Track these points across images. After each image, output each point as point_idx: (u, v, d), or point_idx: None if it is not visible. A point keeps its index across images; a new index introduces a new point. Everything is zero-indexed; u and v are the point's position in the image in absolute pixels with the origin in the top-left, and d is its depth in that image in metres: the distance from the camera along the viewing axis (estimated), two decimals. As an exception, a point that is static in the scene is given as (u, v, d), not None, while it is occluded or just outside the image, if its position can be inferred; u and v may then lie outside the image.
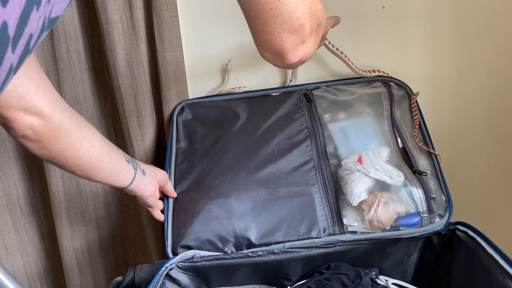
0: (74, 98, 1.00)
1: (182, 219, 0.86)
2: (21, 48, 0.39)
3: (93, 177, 0.74)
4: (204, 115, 1.01)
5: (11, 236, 1.07)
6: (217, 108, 1.02)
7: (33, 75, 0.59)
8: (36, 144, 0.64)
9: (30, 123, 0.61)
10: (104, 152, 0.73)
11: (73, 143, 0.68)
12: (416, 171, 0.87)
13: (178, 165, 0.95)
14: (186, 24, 1.00)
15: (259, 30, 0.53)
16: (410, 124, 0.96)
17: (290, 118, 0.97)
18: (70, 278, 1.11)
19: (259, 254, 0.82)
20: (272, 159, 0.91)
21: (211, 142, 0.96)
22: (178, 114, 1.01)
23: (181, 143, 0.98)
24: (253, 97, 1.03)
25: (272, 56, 0.56)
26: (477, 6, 1.04)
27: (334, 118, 0.97)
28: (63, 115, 0.65)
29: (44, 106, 0.61)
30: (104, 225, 1.12)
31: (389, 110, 0.97)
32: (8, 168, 1.04)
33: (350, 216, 0.84)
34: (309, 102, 1.00)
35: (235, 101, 1.03)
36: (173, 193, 0.90)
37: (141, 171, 0.83)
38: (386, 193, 0.84)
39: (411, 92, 1.00)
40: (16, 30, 0.37)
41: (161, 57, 0.97)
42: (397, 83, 1.03)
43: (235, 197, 0.87)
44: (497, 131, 1.15)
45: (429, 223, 0.83)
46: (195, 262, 0.81)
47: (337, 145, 0.93)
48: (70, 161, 0.69)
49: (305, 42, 0.54)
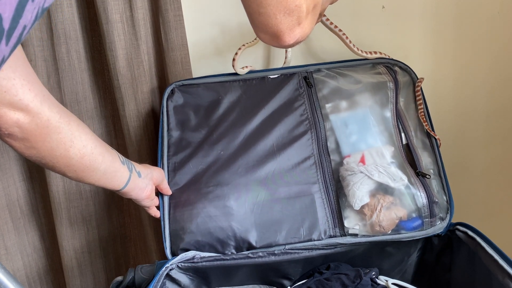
0: (74, 98, 1.00)
1: (180, 221, 0.85)
2: (14, 40, 0.38)
3: (86, 178, 0.70)
4: (196, 101, 0.94)
5: (11, 236, 1.07)
6: (210, 92, 0.95)
7: (18, 67, 0.55)
8: (23, 143, 0.60)
9: (15, 119, 0.57)
10: (97, 152, 0.69)
11: (63, 141, 0.63)
12: (420, 173, 0.85)
13: (171, 157, 0.90)
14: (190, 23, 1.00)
15: (255, 12, 0.52)
16: (414, 115, 0.92)
17: (290, 107, 0.92)
18: (70, 278, 1.11)
19: (260, 255, 0.82)
20: (271, 155, 0.88)
21: (205, 132, 0.91)
22: (168, 98, 0.94)
23: (173, 132, 0.92)
24: (249, 79, 0.96)
25: (268, 38, 0.55)
26: (477, 6, 1.04)
27: (336, 109, 0.93)
28: (51, 111, 0.61)
29: (31, 101, 0.57)
30: (104, 225, 1.12)
31: (394, 103, 0.92)
32: (8, 168, 1.04)
33: (351, 218, 0.84)
34: (309, 87, 0.94)
35: (230, 84, 0.95)
36: (168, 191, 0.87)
37: (137, 173, 0.79)
38: (389, 197, 0.83)
39: (416, 78, 0.95)
40: (11, 23, 0.36)
41: (167, 57, 0.97)
42: (402, 67, 0.97)
43: (234, 199, 0.85)
44: (497, 131, 1.15)
45: (430, 226, 0.83)
46: (195, 263, 0.81)
47: (339, 140, 0.90)
48: (60, 161, 0.65)
49: (301, 23, 0.54)
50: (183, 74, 1.00)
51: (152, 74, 1.01)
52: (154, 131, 1.04)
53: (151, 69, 1.01)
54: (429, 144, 0.91)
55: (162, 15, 0.95)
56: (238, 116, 0.92)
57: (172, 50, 0.97)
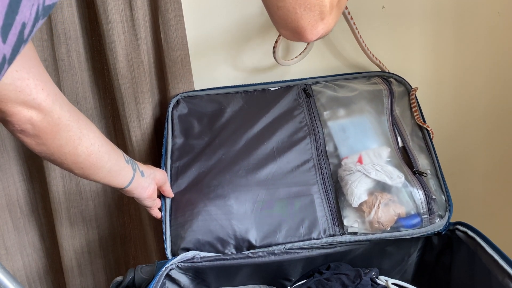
0: (74, 98, 1.00)
1: (181, 220, 0.86)
2: (13, 38, 0.38)
3: (92, 176, 0.73)
4: (200, 110, 0.98)
5: (11, 236, 1.07)
6: (213, 102, 0.99)
7: (32, 68, 0.58)
8: (34, 139, 0.63)
9: (29, 117, 0.59)
10: (103, 150, 0.72)
11: (72, 139, 0.66)
12: (417, 172, 0.87)
13: (174, 162, 0.93)
14: (191, 23, 1.00)
15: (273, 6, 0.49)
16: (410, 122, 0.95)
17: (289, 115, 0.96)
18: (70, 278, 1.11)
19: (260, 255, 0.82)
20: (271, 158, 0.90)
21: (208, 139, 0.94)
22: (174, 108, 0.99)
23: (177, 139, 0.95)
24: (250, 92, 1.01)
25: (290, 34, 0.52)
26: (477, 6, 1.04)
27: (334, 115, 0.96)
28: (62, 110, 0.63)
29: (43, 100, 0.60)
30: (104, 225, 1.12)
31: (389, 108, 0.96)
32: (8, 168, 1.04)
33: (351, 217, 0.84)
34: (308, 97, 0.98)
35: (232, 95, 1.00)
36: (170, 194, 0.89)
37: (140, 172, 0.81)
38: (387, 194, 0.84)
39: (411, 88, 0.99)
40: (5, 19, 0.36)
41: (167, 57, 0.98)
42: (397, 79, 1.02)
43: (234, 199, 0.86)
44: (497, 131, 1.15)
45: (429, 223, 0.83)
46: (195, 263, 0.81)
47: (337, 144, 0.92)
48: (68, 158, 0.67)
49: (324, 19, 0.50)
50: (183, 74, 1.00)
51: (152, 74, 1.01)
52: (154, 131, 1.04)
53: (151, 69, 1.01)
54: (426, 147, 0.92)
55: (162, 15, 0.95)
56: (239, 124, 0.95)
57: (172, 50, 0.98)
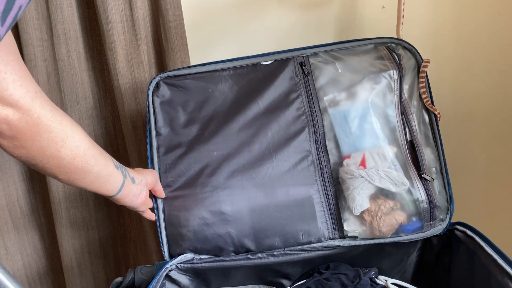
0: (74, 98, 1.00)
1: (177, 226, 0.82)
2: (10, 20, 0.38)
3: (77, 181, 0.67)
4: (185, 95, 0.88)
5: (11, 236, 1.07)
6: (199, 84, 0.88)
7: (10, 62, 0.52)
8: (11, 141, 0.56)
9: (4, 115, 0.53)
10: (89, 154, 0.65)
11: (54, 141, 0.60)
12: (423, 177, 0.83)
13: (162, 158, 0.86)
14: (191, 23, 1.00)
15: None
16: (417, 105, 0.87)
17: (285, 100, 0.86)
18: (70, 278, 1.11)
19: (259, 256, 0.82)
20: (267, 156, 0.84)
21: (196, 130, 0.86)
22: (154, 93, 0.87)
23: (162, 130, 0.87)
24: (240, 68, 0.89)
25: None
26: (477, 6, 1.04)
27: (335, 101, 0.86)
28: (42, 109, 0.57)
29: (21, 97, 0.54)
30: (104, 225, 1.12)
31: (398, 95, 0.86)
32: (8, 168, 1.04)
33: (351, 221, 0.83)
34: (306, 75, 0.87)
35: (220, 74, 0.88)
36: (162, 194, 0.84)
37: (131, 178, 0.76)
38: (390, 202, 0.81)
39: (421, 60, 0.87)
40: (6, 4, 0.36)
41: (167, 57, 0.97)
42: (406, 47, 0.89)
43: (230, 205, 0.82)
44: (497, 131, 1.15)
45: (429, 228, 0.83)
46: (194, 264, 0.81)
47: (338, 138, 0.86)
48: (51, 161, 0.61)
49: None
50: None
51: (152, 74, 1.01)
52: (154, 131, 1.04)
53: (151, 69, 1.01)
54: (432, 136, 0.87)
55: (162, 15, 0.95)
56: (229, 111, 0.86)
57: (172, 50, 0.97)
